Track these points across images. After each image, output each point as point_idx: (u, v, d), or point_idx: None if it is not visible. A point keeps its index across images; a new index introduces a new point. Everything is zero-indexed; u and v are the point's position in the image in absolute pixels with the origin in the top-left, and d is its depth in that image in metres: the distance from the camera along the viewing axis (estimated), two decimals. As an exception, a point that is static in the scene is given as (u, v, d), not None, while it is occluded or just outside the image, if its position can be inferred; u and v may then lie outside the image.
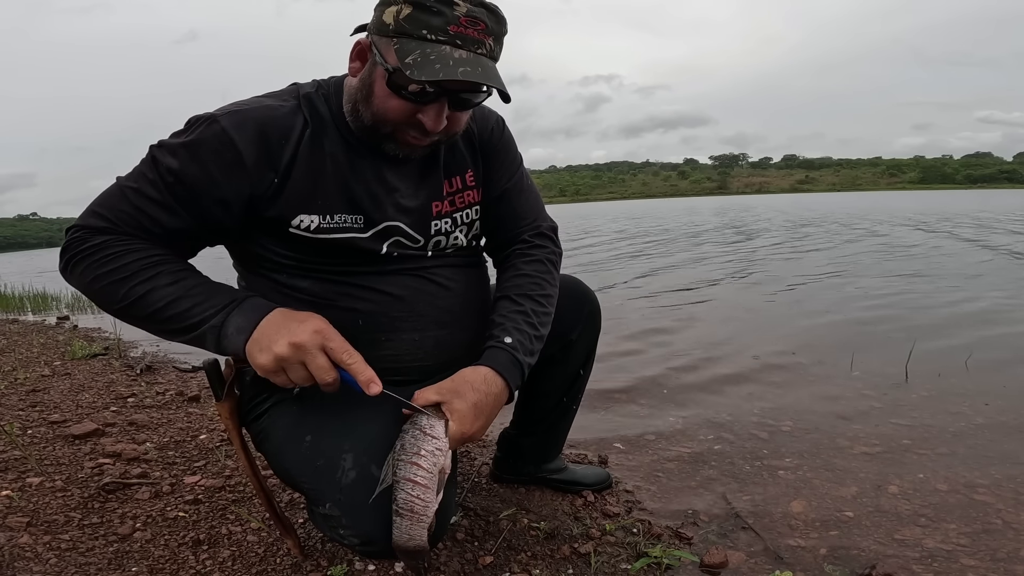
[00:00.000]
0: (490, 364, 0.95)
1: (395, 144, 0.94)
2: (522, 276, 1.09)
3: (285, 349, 0.81)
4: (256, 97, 0.95)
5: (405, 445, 0.85)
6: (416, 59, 0.81)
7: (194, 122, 0.89)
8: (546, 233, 1.17)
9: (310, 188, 0.93)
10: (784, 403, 2.23)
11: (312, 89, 0.97)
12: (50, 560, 1.16)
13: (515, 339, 0.99)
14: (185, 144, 0.87)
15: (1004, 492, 1.48)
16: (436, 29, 0.82)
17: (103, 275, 0.85)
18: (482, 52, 0.85)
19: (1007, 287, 4.40)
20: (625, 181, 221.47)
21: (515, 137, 1.16)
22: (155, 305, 0.84)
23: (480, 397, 0.91)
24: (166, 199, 0.87)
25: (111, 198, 0.89)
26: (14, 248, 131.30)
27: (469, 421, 0.89)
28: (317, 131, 0.94)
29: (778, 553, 1.27)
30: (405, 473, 0.84)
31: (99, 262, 0.85)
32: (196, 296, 0.86)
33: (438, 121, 0.88)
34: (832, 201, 35.84)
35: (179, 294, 0.85)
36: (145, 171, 0.88)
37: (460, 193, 1.07)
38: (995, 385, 2.30)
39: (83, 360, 3.20)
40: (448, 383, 0.91)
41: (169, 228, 0.89)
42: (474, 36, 0.83)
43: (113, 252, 0.85)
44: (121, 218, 0.87)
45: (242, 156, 0.88)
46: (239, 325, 0.84)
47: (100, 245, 0.86)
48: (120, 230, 0.87)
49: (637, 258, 8.24)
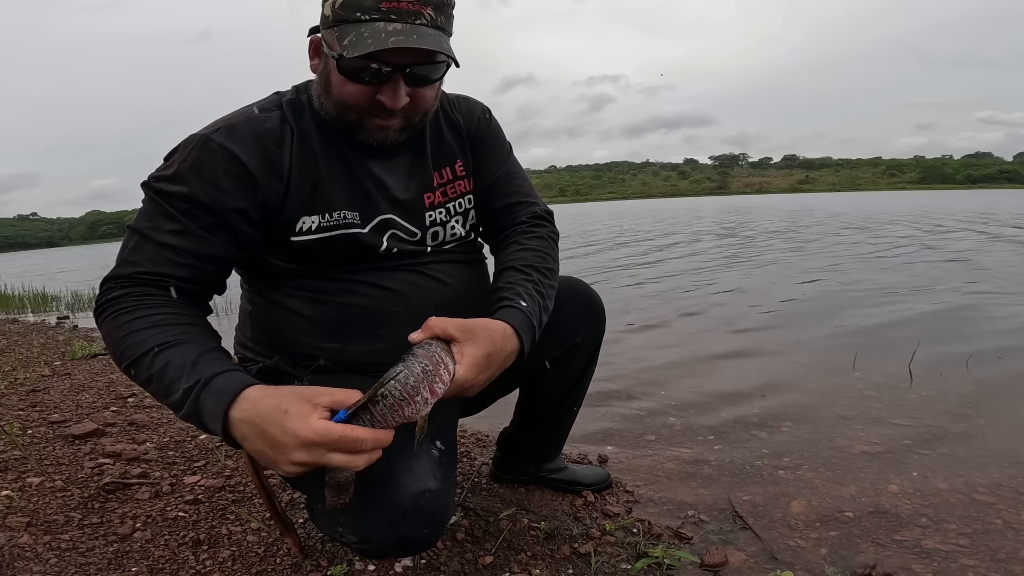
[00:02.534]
0: (510, 321, 0.90)
1: (366, 132, 0.94)
2: (526, 250, 1.08)
3: (290, 467, 0.70)
4: (238, 110, 0.96)
5: (411, 371, 0.74)
6: (352, 40, 0.84)
7: (183, 147, 0.89)
8: (542, 215, 1.17)
9: (309, 191, 0.94)
10: (784, 403, 2.23)
11: (292, 95, 0.99)
12: (50, 560, 1.16)
13: (529, 305, 0.97)
14: (187, 169, 0.87)
15: (1004, 492, 1.48)
16: (368, 9, 0.84)
17: (111, 331, 0.83)
18: (421, 22, 0.85)
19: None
20: (625, 181, 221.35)
21: (519, 137, 1.18)
22: (144, 374, 0.79)
23: (494, 350, 0.84)
24: (186, 226, 0.86)
25: (134, 245, 0.87)
26: (14, 248, 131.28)
27: (475, 371, 0.81)
28: (304, 135, 0.95)
29: (778, 553, 1.27)
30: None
31: (110, 317, 0.84)
32: (172, 374, 0.77)
33: (396, 98, 0.89)
34: (844, 201, 35.41)
35: (160, 366, 0.78)
36: (155, 208, 0.87)
37: (451, 183, 1.08)
38: (996, 384, 2.30)
39: (83, 360, 3.20)
40: (468, 323, 0.84)
41: (199, 255, 0.87)
42: (408, 8, 0.84)
43: (123, 307, 0.84)
44: (150, 259, 0.86)
45: (247, 167, 0.89)
46: (210, 412, 0.74)
47: (118, 299, 0.85)
48: (144, 279, 0.85)
49: (637, 258, 8.24)
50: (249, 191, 0.89)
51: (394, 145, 0.99)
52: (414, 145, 1.04)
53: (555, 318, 1.18)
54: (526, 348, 0.92)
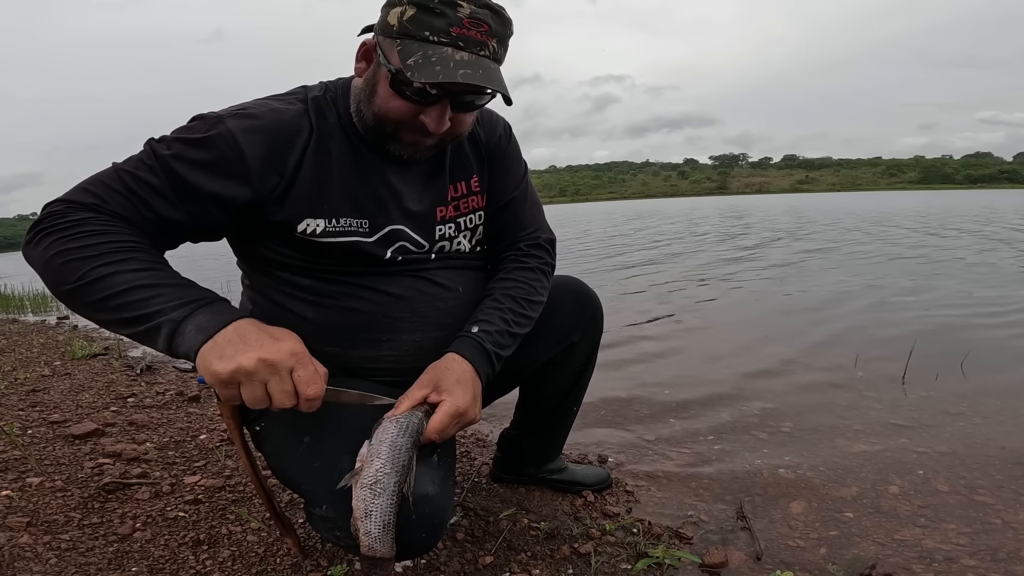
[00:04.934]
0: (454, 350, 0.96)
1: (399, 144, 0.94)
2: (510, 280, 1.09)
3: (252, 363, 0.74)
4: (262, 99, 0.95)
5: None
6: (417, 60, 0.82)
7: (199, 120, 0.88)
8: (543, 244, 1.17)
9: (316, 192, 0.93)
10: (784, 403, 2.23)
11: (320, 92, 0.97)
12: (50, 560, 1.16)
13: (481, 329, 0.99)
14: (189, 140, 0.85)
15: (1004, 492, 1.48)
16: (439, 31, 0.82)
17: (66, 251, 0.77)
18: (485, 54, 0.85)
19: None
20: (625, 181, 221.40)
21: (521, 136, 1.17)
22: (111, 289, 0.76)
23: (458, 374, 0.92)
24: (163, 187, 0.84)
25: (104, 178, 0.84)
26: (14, 248, 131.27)
27: (460, 394, 0.89)
28: (323, 134, 0.94)
29: (778, 553, 1.27)
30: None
31: (68, 237, 0.78)
32: (161, 288, 0.77)
33: (440, 123, 0.88)
34: (855, 202, 35.45)
35: (144, 282, 0.77)
36: (143, 158, 0.85)
37: (465, 198, 1.07)
38: (995, 385, 2.30)
39: (83, 360, 3.20)
40: (423, 377, 0.92)
41: (160, 215, 0.85)
42: (477, 38, 0.84)
43: (88, 230, 0.78)
44: (112, 197, 0.82)
45: (245, 157, 0.87)
46: (201, 324, 0.76)
47: (77, 221, 0.79)
48: (106, 209, 0.81)
49: (638, 257, 8.24)
50: (239, 183, 0.87)
51: (420, 160, 0.98)
52: (433, 155, 1.02)
53: (552, 317, 1.17)
54: (479, 369, 0.96)
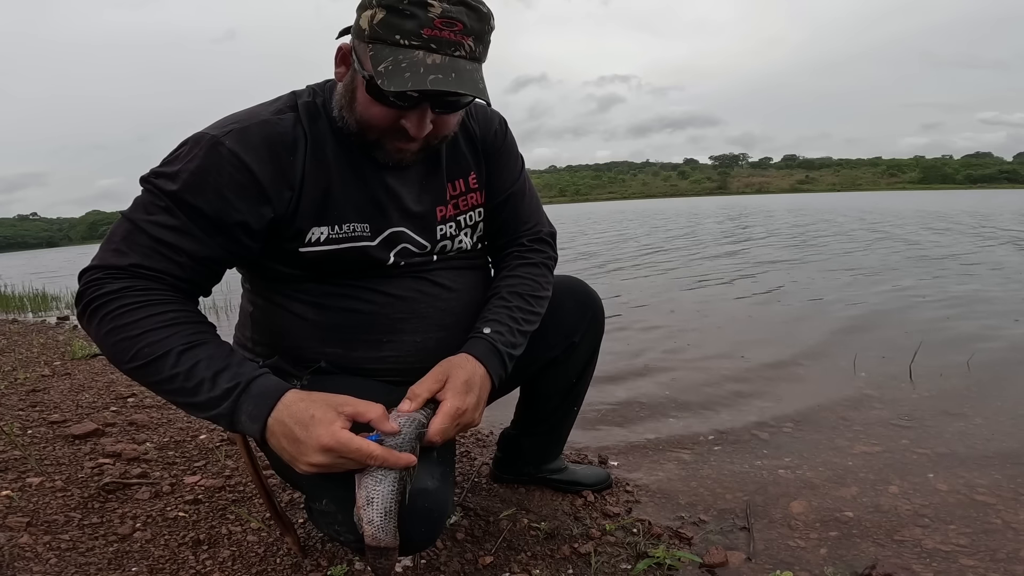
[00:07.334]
0: (468, 351, 0.96)
1: (383, 152, 0.92)
2: (514, 277, 1.09)
3: (313, 469, 0.76)
4: (249, 109, 0.92)
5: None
6: (388, 67, 0.79)
7: (191, 146, 0.84)
8: (544, 238, 1.17)
9: (320, 200, 0.92)
10: (785, 403, 2.23)
11: (309, 97, 0.95)
12: (50, 560, 1.16)
13: (494, 329, 1.00)
14: (191, 172, 0.82)
15: (1004, 492, 1.48)
16: (409, 34, 0.79)
17: (114, 330, 0.78)
18: (460, 54, 0.82)
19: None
20: (625, 181, 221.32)
21: (524, 136, 1.17)
22: (160, 375, 0.78)
23: (468, 375, 0.91)
24: (185, 225, 0.82)
25: (125, 234, 0.82)
26: (14, 248, 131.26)
27: (462, 394, 0.88)
28: (318, 141, 0.92)
29: (778, 553, 1.27)
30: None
31: (111, 315, 0.78)
32: (202, 373, 0.78)
33: (421, 127, 0.86)
34: (859, 201, 35.34)
35: (185, 367, 0.77)
36: (154, 200, 0.83)
37: (464, 196, 1.07)
38: (996, 385, 2.30)
39: (83, 360, 3.20)
40: (436, 369, 0.91)
41: (193, 256, 0.84)
42: (450, 38, 0.80)
43: (127, 303, 0.79)
44: (142, 254, 0.81)
45: (257, 177, 0.85)
46: (251, 413, 0.78)
47: (116, 294, 0.79)
48: (141, 272, 0.81)
49: (638, 257, 8.24)
50: (255, 203, 0.86)
51: (407, 164, 0.97)
52: (429, 155, 1.01)
53: (553, 317, 1.17)
54: (492, 372, 0.96)
